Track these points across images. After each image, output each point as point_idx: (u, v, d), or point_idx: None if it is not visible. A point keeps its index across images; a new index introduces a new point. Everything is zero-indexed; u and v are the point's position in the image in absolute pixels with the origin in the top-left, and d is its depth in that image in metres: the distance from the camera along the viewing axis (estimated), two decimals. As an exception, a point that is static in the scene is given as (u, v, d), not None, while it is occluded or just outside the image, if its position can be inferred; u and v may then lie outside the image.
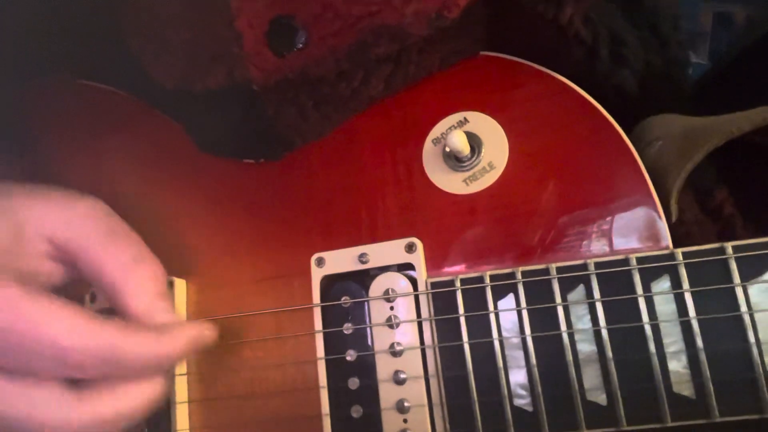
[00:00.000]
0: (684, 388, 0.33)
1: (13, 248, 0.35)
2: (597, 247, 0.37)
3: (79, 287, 0.43)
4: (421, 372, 0.38)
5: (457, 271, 0.39)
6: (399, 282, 0.39)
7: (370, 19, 0.35)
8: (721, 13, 0.40)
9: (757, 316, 0.33)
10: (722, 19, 0.40)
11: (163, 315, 0.38)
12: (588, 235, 0.37)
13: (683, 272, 0.34)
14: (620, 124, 0.38)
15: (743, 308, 0.33)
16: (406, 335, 0.39)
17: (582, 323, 0.35)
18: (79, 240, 0.37)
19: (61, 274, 0.39)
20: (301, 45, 0.36)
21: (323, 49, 0.36)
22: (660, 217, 0.36)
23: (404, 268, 0.40)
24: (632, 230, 0.36)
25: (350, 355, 0.39)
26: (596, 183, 0.37)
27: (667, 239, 0.36)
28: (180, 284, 0.45)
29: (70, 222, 0.37)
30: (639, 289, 0.34)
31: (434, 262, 0.39)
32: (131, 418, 0.35)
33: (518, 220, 0.38)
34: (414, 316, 0.39)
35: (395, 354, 0.38)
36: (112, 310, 0.38)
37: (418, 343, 0.38)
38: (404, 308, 0.39)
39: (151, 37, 0.39)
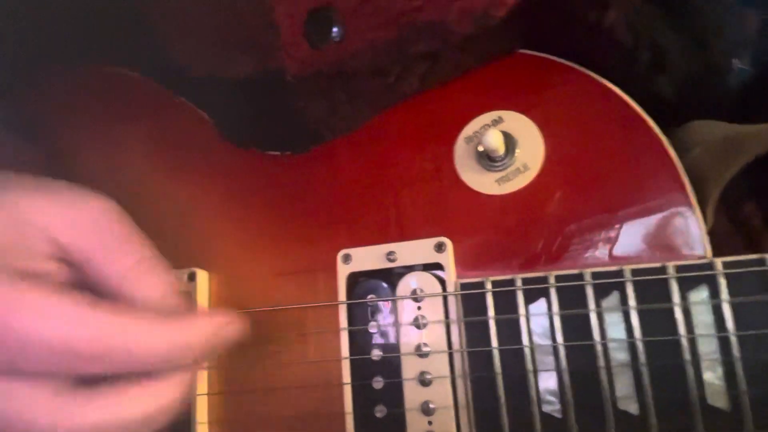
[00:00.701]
0: (718, 399, 0.33)
1: (14, 247, 0.31)
2: (632, 253, 0.36)
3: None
4: (447, 373, 0.37)
5: (486, 273, 0.38)
6: (427, 282, 0.39)
7: (413, 14, 0.34)
8: (768, 20, 0.39)
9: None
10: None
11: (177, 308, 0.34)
12: (623, 240, 0.36)
13: (722, 282, 0.33)
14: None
15: (783, 321, 0.32)
16: (433, 336, 0.38)
17: (616, 331, 0.34)
18: (84, 244, 0.33)
19: (66, 275, 0.34)
20: (338, 38, 0.35)
21: (361, 43, 0.35)
22: (699, 224, 0.35)
23: (430, 267, 0.40)
24: (669, 237, 0.35)
25: (375, 355, 0.39)
26: (634, 188, 0.36)
27: (705, 248, 0.35)
28: (202, 276, 0.44)
29: (75, 223, 0.33)
30: (676, 298, 0.34)
31: (463, 262, 0.39)
32: (143, 424, 0.31)
33: (552, 223, 0.37)
34: (442, 316, 0.38)
35: (422, 355, 0.38)
36: None
37: (445, 345, 0.38)
38: (432, 309, 0.38)
39: (181, 22, 0.39)
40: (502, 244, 0.38)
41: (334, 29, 0.35)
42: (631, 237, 0.36)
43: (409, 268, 0.40)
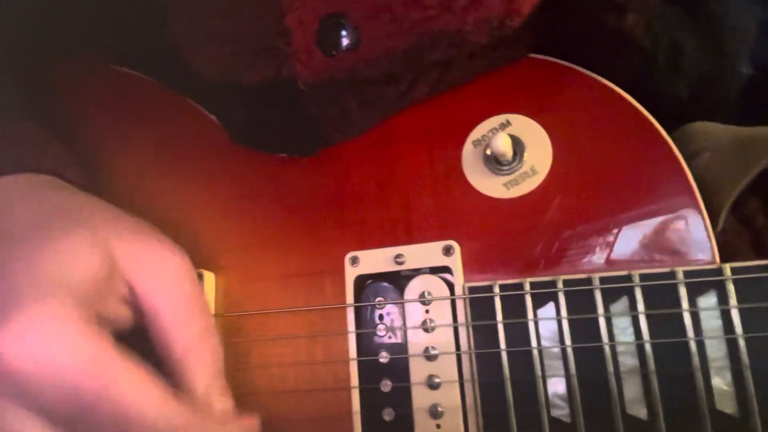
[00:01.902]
0: (727, 405, 0.33)
1: (104, 286, 0.34)
2: (641, 257, 0.36)
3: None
4: (455, 377, 0.37)
5: (494, 277, 0.38)
6: (435, 285, 0.39)
7: (429, 23, 0.34)
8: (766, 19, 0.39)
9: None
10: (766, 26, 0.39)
11: (219, 398, 0.37)
12: (632, 245, 0.36)
13: (731, 288, 0.33)
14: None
15: (792, 327, 0.32)
16: (442, 339, 0.38)
17: (625, 335, 0.34)
18: (159, 300, 0.36)
19: (129, 321, 0.37)
20: (351, 45, 0.35)
21: (377, 51, 0.35)
22: (708, 230, 0.35)
23: (438, 270, 0.40)
24: (678, 242, 0.36)
25: (383, 357, 0.39)
26: (642, 192, 0.36)
27: (714, 253, 0.35)
28: (209, 277, 0.44)
29: (156, 276, 0.36)
30: (685, 304, 0.34)
31: (471, 266, 0.39)
32: None
33: (560, 227, 0.37)
34: (450, 320, 0.38)
35: (430, 358, 0.38)
36: None
37: (453, 348, 0.38)
38: (440, 312, 0.38)
39: (196, 27, 0.39)
40: (510, 247, 0.38)
41: (347, 36, 0.35)
42: (639, 241, 0.36)
43: (416, 271, 0.40)
